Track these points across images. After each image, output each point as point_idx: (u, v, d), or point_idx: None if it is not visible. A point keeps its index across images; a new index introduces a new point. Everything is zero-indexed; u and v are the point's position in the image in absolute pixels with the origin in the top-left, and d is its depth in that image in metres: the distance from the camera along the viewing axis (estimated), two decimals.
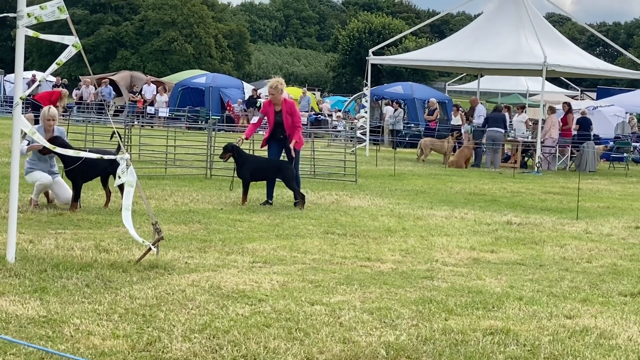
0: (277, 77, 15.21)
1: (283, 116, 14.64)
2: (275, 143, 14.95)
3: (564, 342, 6.87)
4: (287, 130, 14.70)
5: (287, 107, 14.71)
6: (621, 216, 15.71)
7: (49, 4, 8.82)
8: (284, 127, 14.69)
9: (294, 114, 14.82)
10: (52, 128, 12.82)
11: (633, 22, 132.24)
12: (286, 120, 14.64)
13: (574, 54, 30.71)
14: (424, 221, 13.75)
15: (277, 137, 14.84)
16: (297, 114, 15.01)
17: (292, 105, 14.95)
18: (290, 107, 14.77)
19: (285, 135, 14.74)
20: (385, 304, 7.78)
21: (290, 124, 14.68)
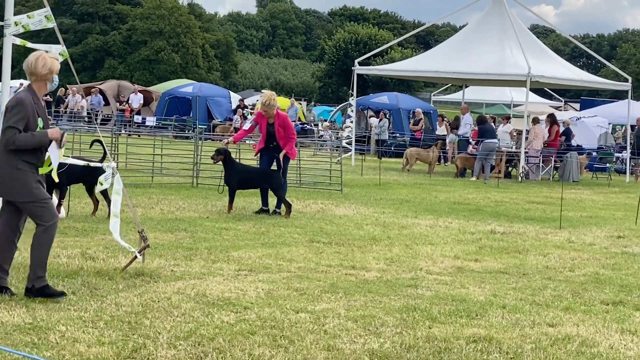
0: (268, 92, 15.27)
1: (275, 128, 14.75)
2: (267, 153, 15.04)
3: (546, 350, 6.93)
4: (279, 140, 14.80)
5: (279, 120, 14.80)
6: (603, 226, 15.80)
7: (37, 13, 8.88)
8: (275, 137, 14.80)
9: (287, 126, 14.92)
10: None
11: (616, 34, 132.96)
12: (278, 133, 14.76)
13: (558, 65, 30.88)
14: (408, 230, 13.81)
15: (268, 146, 14.95)
16: (290, 126, 15.11)
17: (284, 118, 15.03)
18: (283, 120, 14.86)
19: (276, 144, 14.84)
20: (369, 312, 7.83)
21: (283, 135, 14.78)
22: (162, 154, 21.00)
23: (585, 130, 36.17)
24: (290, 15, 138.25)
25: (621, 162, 34.59)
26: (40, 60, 7.68)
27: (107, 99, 44.61)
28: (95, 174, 12.28)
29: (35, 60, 7.66)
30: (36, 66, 7.64)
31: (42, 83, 7.75)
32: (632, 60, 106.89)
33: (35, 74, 7.66)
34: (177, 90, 45.59)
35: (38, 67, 7.65)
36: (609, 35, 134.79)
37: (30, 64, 7.65)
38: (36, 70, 7.64)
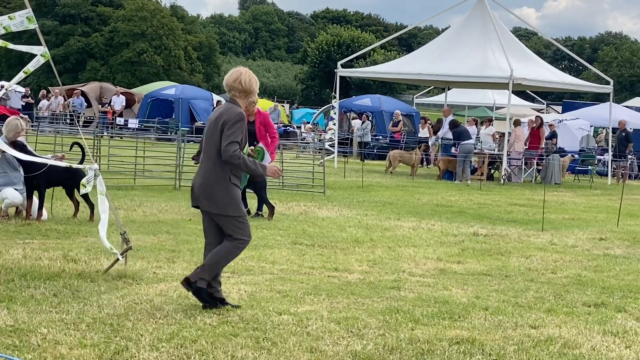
0: None
1: (256, 127, 14.71)
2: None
3: (528, 352, 6.95)
4: (260, 140, 14.76)
5: (260, 118, 14.77)
6: (586, 228, 15.87)
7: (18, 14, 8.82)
8: (256, 137, 14.77)
9: (268, 124, 14.89)
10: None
11: (598, 37, 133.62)
12: (259, 131, 14.72)
13: (540, 67, 30.99)
14: (391, 232, 13.82)
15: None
16: (271, 124, 15.08)
17: (265, 116, 15.00)
18: (264, 119, 14.84)
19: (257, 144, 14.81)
20: (352, 314, 7.84)
21: (264, 134, 14.75)
22: (145, 156, 20.95)
23: (567, 133, 36.34)
24: (273, 17, 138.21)
25: (603, 165, 34.78)
26: (253, 78, 7.92)
27: (89, 100, 44.46)
28: (75, 177, 12.28)
29: (249, 79, 7.86)
30: (251, 84, 7.86)
31: (246, 100, 7.94)
32: (613, 63, 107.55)
33: (248, 92, 7.86)
34: (159, 92, 45.52)
35: (253, 85, 7.89)
36: (590, 38, 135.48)
37: (244, 82, 7.82)
38: (251, 87, 7.86)
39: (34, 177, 12.47)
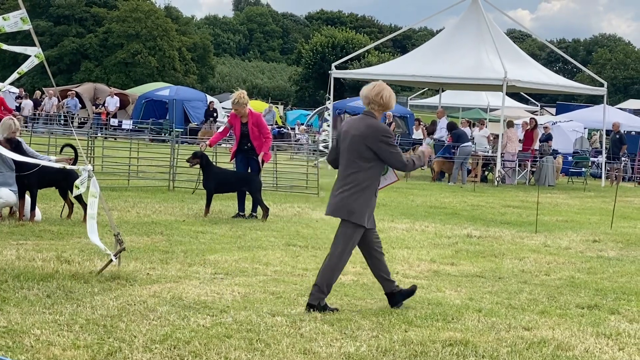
0: (239, 91, 15.23)
1: (249, 127, 14.69)
2: (241, 155, 14.98)
3: (522, 354, 6.96)
4: (253, 140, 14.75)
5: (253, 119, 14.75)
6: (579, 230, 15.89)
7: (12, 15, 8.82)
8: (249, 137, 14.75)
9: (261, 125, 14.86)
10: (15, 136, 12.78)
11: (592, 39, 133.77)
12: (252, 132, 14.70)
13: (534, 69, 31.03)
14: (385, 234, 13.82)
15: (243, 148, 14.88)
16: (264, 124, 15.03)
17: (257, 117, 14.97)
18: (256, 119, 14.81)
19: (250, 146, 14.79)
20: (345, 316, 7.84)
21: (257, 135, 14.72)
22: (139, 157, 20.95)
23: (561, 135, 36.40)
24: (267, 18, 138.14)
25: (597, 167, 34.83)
26: (393, 95, 8.15)
27: (84, 102, 44.42)
28: (68, 178, 12.27)
29: (390, 96, 8.09)
30: (390, 101, 8.09)
31: (381, 114, 8.17)
32: (607, 65, 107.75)
33: (386, 107, 8.09)
34: (153, 93, 45.49)
35: (391, 102, 8.11)
36: (584, 40, 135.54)
37: (385, 97, 8.04)
38: (390, 104, 8.10)
39: (25, 176, 12.45)
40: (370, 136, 7.91)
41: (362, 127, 7.99)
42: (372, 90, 8.06)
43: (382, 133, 7.95)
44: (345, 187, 8.01)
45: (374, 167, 8.03)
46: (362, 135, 7.93)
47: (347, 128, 8.17)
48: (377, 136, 7.92)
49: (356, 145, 7.95)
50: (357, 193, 7.97)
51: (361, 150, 7.94)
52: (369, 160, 7.97)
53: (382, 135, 7.94)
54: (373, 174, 8.05)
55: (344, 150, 8.05)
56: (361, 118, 8.14)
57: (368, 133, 7.91)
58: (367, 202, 8.03)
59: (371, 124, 7.99)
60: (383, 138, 7.93)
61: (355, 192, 7.97)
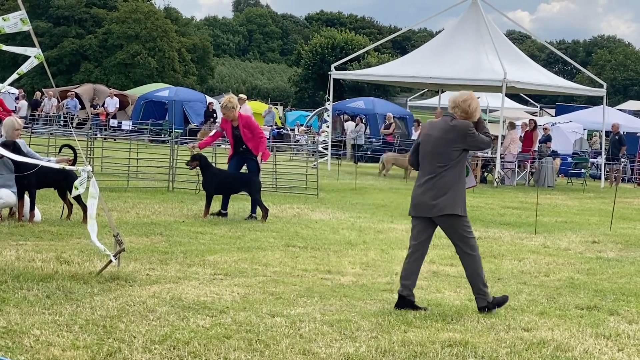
0: (228, 95, 15.20)
1: (241, 130, 14.70)
2: (236, 157, 15.01)
3: (521, 355, 6.96)
4: (247, 142, 14.76)
5: (242, 121, 14.75)
6: (578, 231, 15.90)
7: (12, 16, 8.82)
8: (242, 140, 14.76)
9: (252, 126, 14.86)
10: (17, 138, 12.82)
11: (592, 40, 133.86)
12: (244, 135, 14.71)
13: (534, 70, 31.03)
14: (384, 235, 13.83)
15: (238, 150, 14.90)
16: (255, 125, 15.01)
17: (247, 119, 14.95)
18: (246, 121, 14.80)
19: (245, 147, 14.80)
20: (345, 316, 7.84)
21: (250, 137, 14.73)
22: (138, 158, 20.96)
23: (560, 136, 36.41)
24: (267, 19, 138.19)
25: (596, 168, 34.85)
26: (479, 107, 8.52)
27: (83, 102, 44.43)
28: (67, 179, 12.28)
29: (476, 107, 8.45)
30: (475, 111, 8.43)
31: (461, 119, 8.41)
32: (607, 66, 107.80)
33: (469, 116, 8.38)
34: (153, 94, 45.49)
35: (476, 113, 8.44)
36: (584, 41, 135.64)
37: (472, 106, 8.38)
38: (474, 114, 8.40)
39: (24, 177, 12.45)
40: (457, 136, 8.30)
41: (446, 128, 8.36)
42: (461, 96, 8.46)
43: (466, 129, 8.32)
44: (436, 187, 8.34)
45: (460, 162, 8.42)
46: (448, 137, 8.32)
47: (427, 131, 8.56)
48: (463, 134, 8.31)
49: (441, 146, 8.33)
50: (451, 189, 8.31)
51: (447, 150, 8.32)
52: (455, 158, 8.34)
53: (468, 130, 8.32)
54: (459, 169, 8.43)
55: (428, 152, 8.42)
56: (442, 120, 8.48)
57: (454, 134, 8.31)
58: (463, 195, 8.44)
59: (454, 124, 8.35)
60: (468, 132, 8.32)
61: (447, 189, 8.30)
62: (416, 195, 8.49)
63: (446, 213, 8.33)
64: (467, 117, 8.39)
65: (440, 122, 8.52)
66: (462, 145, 8.33)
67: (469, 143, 8.37)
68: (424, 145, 8.49)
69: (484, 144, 8.58)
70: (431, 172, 8.37)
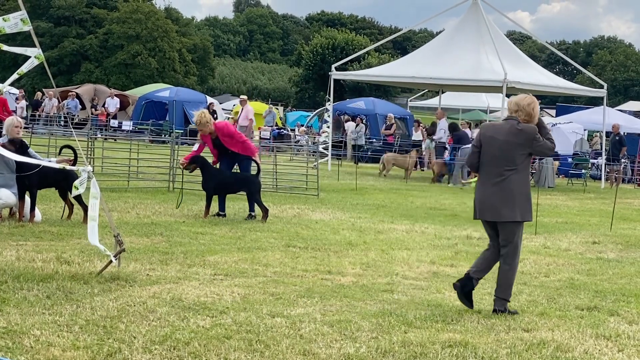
0: (199, 111, 15.17)
1: (221, 140, 14.75)
2: (226, 158, 15.04)
3: (521, 355, 6.97)
4: (232, 148, 14.81)
5: (220, 132, 14.76)
6: (579, 231, 15.90)
7: (12, 16, 8.82)
8: (225, 148, 14.82)
9: (231, 133, 14.91)
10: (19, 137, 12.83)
11: (592, 41, 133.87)
12: (225, 143, 14.78)
13: (534, 71, 31.03)
14: (384, 235, 13.83)
15: (226, 153, 14.95)
16: (233, 131, 15.07)
17: (222, 127, 14.92)
18: (222, 131, 14.78)
19: (231, 152, 14.86)
20: (345, 317, 7.84)
21: (232, 143, 14.79)
22: (139, 158, 20.96)
23: (561, 137, 36.38)
24: (268, 20, 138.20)
25: (597, 168, 34.84)
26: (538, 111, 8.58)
27: (84, 103, 44.44)
28: (68, 179, 12.28)
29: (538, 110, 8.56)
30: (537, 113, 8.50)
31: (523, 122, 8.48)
32: (607, 67, 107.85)
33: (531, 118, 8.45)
34: (153, 94, 45.49)
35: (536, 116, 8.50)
36: (584, 42, 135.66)
37: (535, 109, 8.47)
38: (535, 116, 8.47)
39: (25, 177, 12.45)
40: (525, 141, 8.38)
41: (512, 132, 8.43)
42: (525, 99, 8.53)
43: (534, 134, 8.38)
44: (503, 191, 8.43)
45: (526, 166, 8.55)
46: (515, 141, 8.39)
47: (491, 134, 8.58)
48: (531, 138, 8.38)
49: (508, 150, 8.40)
50: (519, 194, 8.42)
51: (513, 154, 8.39)
52: (521, 162, 8.43)
53: (535, 135, 8.38)
54: (526, 173, 8.57)
55: (493, 155, 8.49)
56: (507, 124, 8.54)
57: (522, 139, 8.38)
58: (529, 199, 8.52)
59: (522, 128, 8.41)
60: (535, 137, 8.38)
61: (517, 193, 8.41)
62: (482, 198, 8.60)
63: (511, 220, 8.44)
64: (530, 120, 8.44)
65: (505, 125, 8.57)
66: (528, 150, 8.41)
67: (534, 148, 8.44)
68: (487, 148, 8.54)
69: (549, 150, 8.61)
70: (498, 176, 8.44)
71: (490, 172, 8.51)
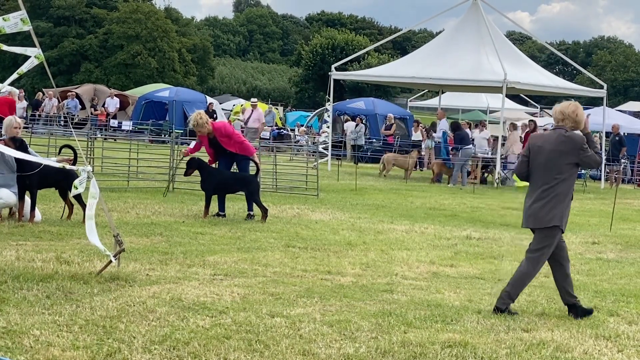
0: (195, 113, 15.18)
1: (219, 140, 14.74)
2: (224, 157, 15.04)
3: (521, 355, 6.97)
4: (230, 149, 14.80)
5: (218, 132, 14.75)
6: (578, 232, 15.89)
7: (12, 16, 8.82)
8: (223, 147, 14.81)
9: (229, 134, 14.90)
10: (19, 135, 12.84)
11: (592, 41, 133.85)
12: (223, 143, 14.77)
13: (534, 71, 31.04)
14: (384, 235, 13.84)
15: (224, 154, 14.94)
16: (231, 132, 15.05)
17: (220, 128, 14.91)
18: (220, 131, 14.77)
19: (229, 152, 14.86)
20: (345, 317, 7.84)
21: (230, 143, 14.78)
22: (138, 158, 20.96)
23: None
24: (267, 20, 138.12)
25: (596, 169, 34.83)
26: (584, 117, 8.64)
27: (83, 103, 44.42)
28: (68, 178, 12.28)
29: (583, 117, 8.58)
30: (582, 119, 8.58)
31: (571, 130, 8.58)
32: (607, 67, 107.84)
33: (578, 125, 8.57)
34: (153, 94, 45.47)
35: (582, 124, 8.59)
36: (584, 42, 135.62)
37: (580, 115, 8.54)
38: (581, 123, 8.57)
39: (26, 177, 12.46)
40: (571, 150, 8.45)
41: (560, 140, 8.52)
42: (569, 107, 8.61)
43: (580, 144, 8.47)
44: (546, 198, 8.49)
45: (572, 176, 8.59)
46: (561, 150, 8.47)
47: (540, 143, 8.66)
48: (577, 148, 8.45)
49: (555, 159, 8.48)
50: (561, 202, 8.48)
51: (560, 164, 8.48)
52: (568, 171, 8.50)
53: (582, 145, 8.47)
54: (571, 182, 8.59)
55: (540, 165, 8.57)
56: (554, 133, 8.63)
57: (568, 148, 8.45)
58: (568, 209, 8.59)
59: (569, 135, 8.50)
60: (582, 147, 8.47)
61: (558, 201, 8.46)
62: (528, 207, 8.63)
63: (551, 225, 8.50)
64: (576, 127, 8.54)
65: (552, 134, 8.65)
66: (574, 160, 8.48)
67: (581, 158, 8.49)
68: (535, 157, 8.62)
69: (595, 163, 8.70)
70: (544, 184, 8.51)
71: (537, 182, 8.60)
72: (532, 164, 8.65)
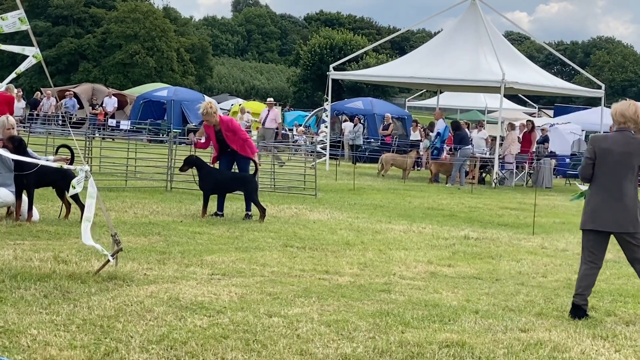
0: (206, 101, 15.19)
1: (224, 134, 14.74)
2: (225, 157, 15.04)
3: (518, 355, 6.97)
4: (232, 145, 14.80)
5: (224, 125, 14.77)
6: (576, 232, 15.82)
7: (10, 15, 8.81)
8: (226, 143, 14.80)
9: (235, 129, 14.90)
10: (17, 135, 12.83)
11: (590, 42, 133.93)
12: (228, 138, 14.76)
13: (532, 71, 31.06)
14: (382, 235, 13.84)
15: (225, 152, 14.95)
16: (237, 128, 15.06)
17: (228, 122, 14.97)
18: (227, 125, 14.81)
19: (231, 150, 14.86)
20: (342, 317, 7.84)
21: (233, 139, 14.78)
22: (136, 158, 20.95)
23: (558, 137, 36.42)
24: (266, 20, 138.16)
25: None
26: None
27: (82, 102, 44.41)
28: (66, 178, 12.27)
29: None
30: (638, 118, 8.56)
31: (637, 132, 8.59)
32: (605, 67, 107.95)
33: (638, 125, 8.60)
34: (151, 94, 45.50)
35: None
36: (582, 42, 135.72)
37: (638, 117, 8.52)
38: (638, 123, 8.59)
39: (24, 176, 12.44)
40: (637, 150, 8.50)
41: (628, 142, 8.53)
42: (629, 108, 8.59)
43: None
44: (620, 201, 8.51)
45: (637, 177, 8.63)
46: (630, 150, 8.49)
47: (608, 145, 8.64)
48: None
49: (624, 161, 8.52)
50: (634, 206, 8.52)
51: (630, 165, 8.52)
52: (635, 173, 8.57)
53: None
54: (636, 184, 8.59)
55: (610, 167, 8.57)
56: (620, 134, 8.62)
57: (635, 148, 8.49)
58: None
59: (637, 137, 8.55)
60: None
61: (632, 205, 8.51)
62: (597, 209, 8.62)
63: (631, 231, 8.55)
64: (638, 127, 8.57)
65: (619, 135, 8.63)
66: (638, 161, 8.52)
67: None
68: (603, 160, 8.60)
69: None
70: (614, 186, 8.53)
71: (606, 184, 8.58)
72: (599, 167, 8.62)
